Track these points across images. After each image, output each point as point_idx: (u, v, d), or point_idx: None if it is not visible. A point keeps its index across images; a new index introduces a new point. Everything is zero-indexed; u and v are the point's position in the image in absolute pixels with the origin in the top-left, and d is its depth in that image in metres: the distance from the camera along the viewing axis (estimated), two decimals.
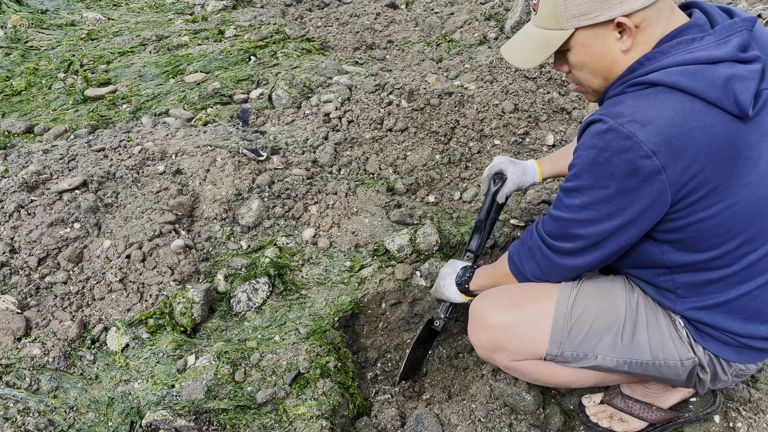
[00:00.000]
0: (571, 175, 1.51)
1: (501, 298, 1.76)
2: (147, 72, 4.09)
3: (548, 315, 1.68)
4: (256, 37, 4.46)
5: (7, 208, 2.47)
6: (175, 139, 2.99)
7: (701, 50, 1.38)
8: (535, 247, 1.69)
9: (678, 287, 1.59)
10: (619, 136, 1.36)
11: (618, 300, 1.68)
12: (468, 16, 4.83)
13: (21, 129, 3.41)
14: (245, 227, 2.60)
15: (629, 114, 1.37)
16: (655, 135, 1.33)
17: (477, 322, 1.79)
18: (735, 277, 1.52)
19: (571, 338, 1.66)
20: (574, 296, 1.68)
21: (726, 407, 2.03)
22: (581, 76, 1.60)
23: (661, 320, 1.65)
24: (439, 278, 2.20)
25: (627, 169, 1.37)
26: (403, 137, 3.12)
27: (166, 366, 2.07)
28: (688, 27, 1.45)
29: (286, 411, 1.91)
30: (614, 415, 2.00)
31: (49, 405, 1.96)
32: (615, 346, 1.64)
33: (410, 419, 2.03)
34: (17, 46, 4.55)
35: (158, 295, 2.28)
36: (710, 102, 1.34)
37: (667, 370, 1.65)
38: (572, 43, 1.52)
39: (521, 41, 1.62)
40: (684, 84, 1.35)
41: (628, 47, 1.46)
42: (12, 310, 2.18)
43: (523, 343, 1.71)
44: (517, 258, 1.77)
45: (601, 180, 1.43)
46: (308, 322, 2.22)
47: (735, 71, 1.35)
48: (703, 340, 1.61)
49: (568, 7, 1.45)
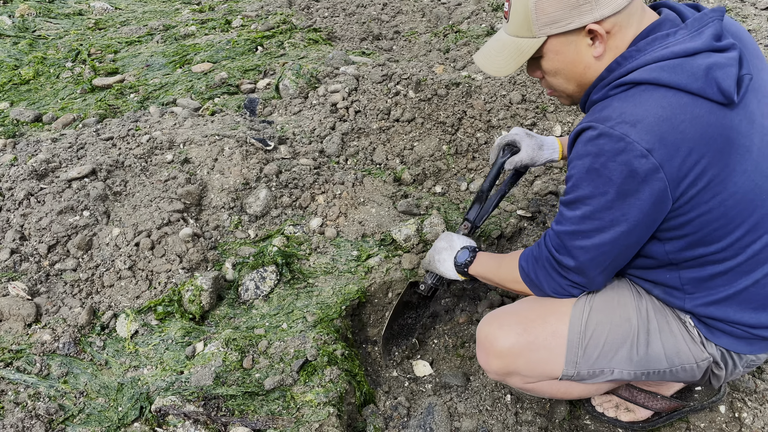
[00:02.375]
0: (569, 186, 1.49)
1: (511, 322, 1.70)
2: (154, 61, 4.10)
3: (562, 336, 1.63)
4: (263, 27, 4.46)
5: (17, 195, 2.49)
6: (183, 129, 3.00)
7: (677, 44, 1.38)
8: (548, 265, 1.63)
9: (685, 283, 1.58)
10: (612, 139, 1.35)
11: (629, 309, 1.64)
12: (475, 6, 4.81)
13: (29, 118, 3.42)
14: (253, 216, 2.61)
15: (617, 116, 1.36)
16: (646, 133, 1.32)
17: (488, 349, 1.72)
18: (741, 267, 1.51)
19: (587, 357, 1.63)
20: (587, 314, 1.64)
21: (732, 397, 2.04)
22: (555, 82, 1.60)
23: (672, 323, 1.63)
24: (434, 251, 2.11)
25: (624, 171, 1.36)
26: (410, 128, 3.12)
27: (175, 352, 2.09)
28: (661, 23, 1.45)
29: (294, 398, 1.93)
30: (620, 405, 2.01)
31: (59, 390, 1.98)
32: (631, 359, 1.62)
33: (420, 408, 2.04)
34: (25, 35, 4.56)
35: (167, 283, 2.29)
36: (695, 93, 1.34)
37: (684, 374, 1.65)
38: (545, 50, 1.51)
39: (494, 49, 1.61)
40: (666, 79, 1.34)
41: (601, 53, 1.46)
42: (22, 297, 2.20)
43: (537, 367, 1.68)
44: (533, 275, 1.68)
45: (599, 187, 1.41)
46: (315, 310, 2.24)
47: (714, 60, 1.35)
48: (714, 336, 1.60)
49: (539, 16, 1.44)
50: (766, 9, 4.50)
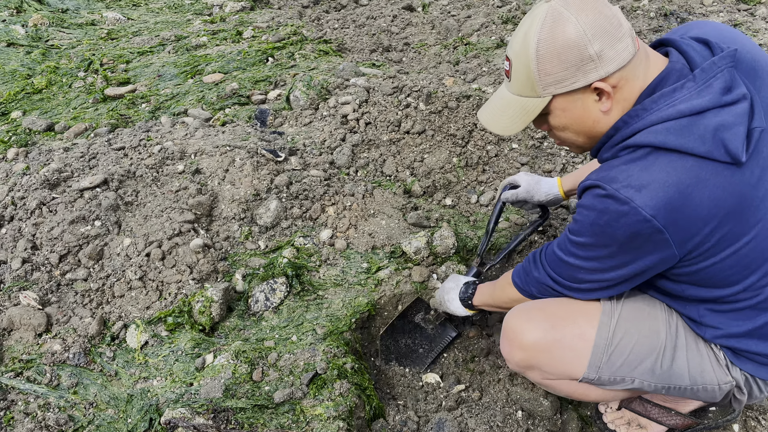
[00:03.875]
0: (576, 228, 1.51)
1: (539, 317, 1.70)
2: (166, 72, 4.13)
3: (588, 340, 1.62)
4: (274, 39, 4.48)
5: (29, 205, 2.50)
6: (194, 139, 3.01)
7: (683, 101, 1.36)
8: (545, 283, 1.69)
9: (703, 317, 1.57)
10: (617, 201, 1.36)
11: (659, 323, 1.63)
12: (485, 19, 4.82)
13: (42, 127, 3.45)
14: (263, 227, 2.62)
15: (623, 179, 1.37)
16: (651, 199, 1.32)
17: (512, 340, 1.73)
18: (761, 305, 1.50)
19: (610, 363, 1.62)
20: (615, 320, 1.63)
21: (745, 416, 2.01)
22: (564, 136, 1.60)
23: (699, 342, 1.62)
24: (443, 292, 2.21)
25: (627, 232, 1.38)
26: (421, 140, 3.12)
27: (185, 364, 2.08)
28: (667, 75, 1.42)
29: (304, 411, 1.92)
30: (632, 421, 1.99)
31: (69, 401, 1.98)
32: (654, 371, 1.60)
33: (431, 423, 2.03)
34: (38, 44, 4.60)
35: (177, 294, 2.29)
36: (701, 156, 1.32)
37: (704, 393, 1.63)
38: (551, 107, 1.50)
39: (498, 108, 1.60)
40: (672, 143, 1.33)
41: (608, 108, 1.46)
42: (33, 306, 2.21)
43: (559, 365, 1.67)
44: (528, 292, 1.77)
45: (602, 240, 1.44)
46: (325, 322, 2.23)
47: (721, 120, 1.33)
48: (740, 361, 1.59)
49: (543, 77, 1.43)
50: None
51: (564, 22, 1.37)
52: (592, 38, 1.36)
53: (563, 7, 1.38)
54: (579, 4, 1.37)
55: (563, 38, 1.37)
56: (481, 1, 5.22)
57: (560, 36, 1.37)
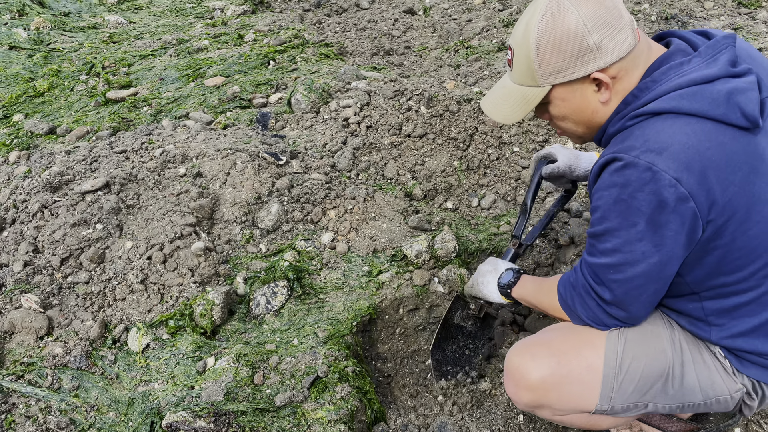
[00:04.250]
0: (597, 218, 1.45)
1: (543, 353, 1.62)
2: (168, 75, 4.13)
3: (596, 370, 1.57)
4: (275, 42, 4.49)
5: (31, 208, 2.50)
6: (196, 142, 3.02)
7: (693, 72, 1.36)
8: (584, 293, 1.58)
9: (708, 314, 1.54)
10: (638, 168, 1.32)
11: (663, 341, 1.59)
12: (486, 22, 4.83)
13: (44, 130, 3.45)
14: (264, 230, 2.62)
15: (641, 144, 1.34)
16: (673, 161, 1.30)
17: (518, 381, 1.64)
18: (765, 297, 1.48)
19: (622, 391, 1.57)
20: (622, 347, 1.57)
21: (747, 420, 2.01)
22: (564, 125, 1.60)
23: (704, 354, 1.59)
24: (478, 274, 2.09)
25: (653, 201, 1.33)
26: (422, 143, 3.12)
27: (186, 367, 2.08)
28: (672, 53, 1.43)
29: (305, 415, 1.92)
30: (634, 427, 1.99)
31: (70, 404, 1.98)
32: (666, 392, 1.57)
33: (432, 427, 2.02)
34: (40, 48, 4.61)
35: (178, 297, 2.30)
36: (718, 120, 1.32)
37: (718, 406, 1.61)
38: (551, 97, 1.51)
39: (500, 96, 1.61)
40: (687, 107, 1.33)
41: (607, 99, 1.46)
42: (35, 309, 2.21)
43: (570, 401, 1.61)
44: (570, 302, 1.63)
45: (629, 218, 1.38)
46: (326, 326, 2.23)
47: (734, 85, 1.33)
48: (744, 367, 1.56)
49: (542, 66, 1.44)
50: None
51: (564, 12, 1.39)
52: (592, 29, 1.37)
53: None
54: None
55: (563, 28, 1.39)
56: (482, 5, 5.22)
57: (560, 26, 1.39)
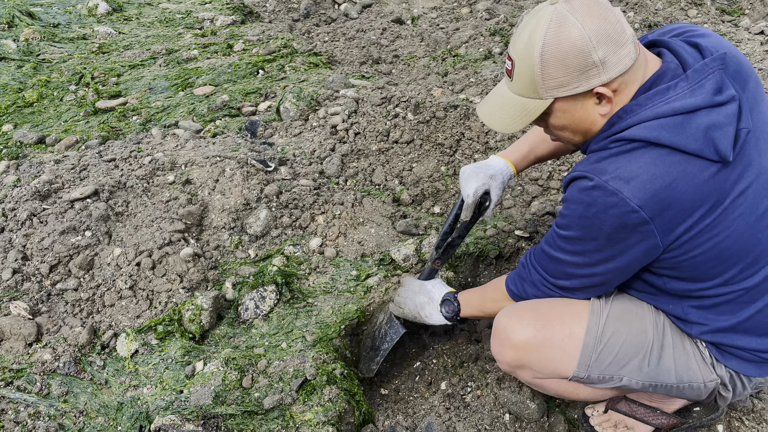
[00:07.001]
0: (563, 223, 1.55)
1: (529, 317, 1.72)
2: (157, 85, 4.16)
3: (578, 339, 1.66)
4: (264, 51, 4.53)
5: (20, 216, 2.52)
6: (185, 150, 3.04)
7: (677, 99, 1.40)
8: (539, 284, 1.72)
9: (688, 313, 1.61)
10: (605, 192, 1.40)
11: (646, 322, 1.67)
12: (473, 31, 4.89)
13: (33, 140, 3.46)
14: (253, 236, 2.64)
15: (612, 171, 1.41)
16: (639, 190, 1.37)
17: (503, 340, 1.75)
18: (742, 298, 1.54)
19: (599, 362, 1.65)
20: (604, 319, 1.67)
21: (729, 416, 2.04)
22: (561, 134, 1.63)
23: (685, 341, 1.66)
24: (416, 308, 2.15)
25: (615, 223, 1.42)
26: (409, 149, 3.16)
27: (175, 372, 2.10)
28: (663, 73, 1.46)
29: (293, 417, 1.93)
30: (618, 424, 2.01)
31: (59, 409, 1.99)
32: (641, 369, 1.64)
33: (419, 427, 2.04)
34: (29, 58, 4.63)
35: (167, 302, 2.31)
36: (690, 153, 1.38)
37: (690, 391, 1.67)
38: (552, 109, 1.53)
39: (499, 106, 1.62)
40: (666, 139, 1.38)
41: (608, 111, 1.49)
42: (24, 316, 2.22)
43: (550, 364, 1.70)
44: (525, 295, 1.79)
45: (590, 232, 1.48)
46: (315, 329, 2.25)
47: (713, 120, 1.38)
48: (725, 358, 1.62)
49: (546, 80, 1.45)
50: (759, 34, 4.58)
51: (569, 27, 1.38)
52: (597, 45, 1.38)
53: (569, 12, 1.39)
54: (584, 10, 1.39)
55: (568, 44, 1.39)
56: (470, 14, 5.29)
57: (565, 41, 1.39)
